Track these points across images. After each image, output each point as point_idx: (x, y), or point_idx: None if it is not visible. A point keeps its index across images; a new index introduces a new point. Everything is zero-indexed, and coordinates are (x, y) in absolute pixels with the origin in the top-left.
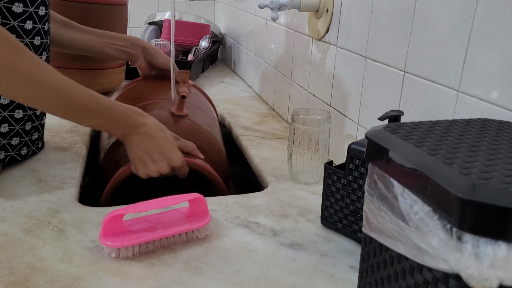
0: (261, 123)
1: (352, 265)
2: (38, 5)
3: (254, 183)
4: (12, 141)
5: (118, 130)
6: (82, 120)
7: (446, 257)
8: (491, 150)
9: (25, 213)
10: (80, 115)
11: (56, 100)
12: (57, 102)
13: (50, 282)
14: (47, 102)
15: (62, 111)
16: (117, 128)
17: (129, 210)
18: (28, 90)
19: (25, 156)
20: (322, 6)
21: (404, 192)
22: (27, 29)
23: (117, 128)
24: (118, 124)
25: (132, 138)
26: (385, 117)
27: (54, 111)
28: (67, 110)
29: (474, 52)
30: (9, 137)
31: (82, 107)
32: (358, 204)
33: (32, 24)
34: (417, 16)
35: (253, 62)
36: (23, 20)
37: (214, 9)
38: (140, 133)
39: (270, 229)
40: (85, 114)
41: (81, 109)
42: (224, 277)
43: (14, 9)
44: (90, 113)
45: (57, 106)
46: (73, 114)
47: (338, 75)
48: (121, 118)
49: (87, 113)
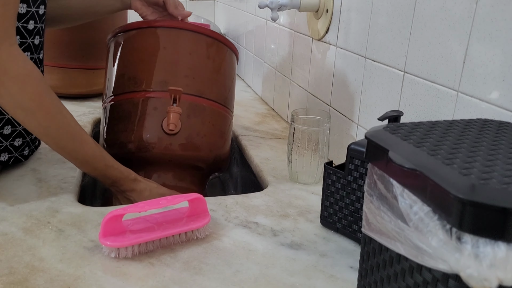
0: (261, 123)
1: (351, 265)
2: (38, 5)
3: (253, 183)
4: (15, 142)
5: (107, 185)
6: (79, 167)
7: (445, 258)
8: (491, 151)
9: (24, 212)
10: (79, 164)
11: (65, 151)
12: (66, 152)
13: (49, 281)
14: (57, 148)
15: (66, 156)
16: (107, 184)
17: (129, 210)
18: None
19: (27, 156)
20: (322, 6)
21: (404, 192)
22: (29, 29)
23: (107, 184)
24: (109, 182)
25: (118, 195)
26: (385, 117)
27: (59, 151)
28: (70, 157)
29: (474, 52)
30: (12, 138)
31: (84, 160)
32: (357, 204)
33: (34, 24)
34: (417, 16)
35: (253, 62)
36: (26, 21)
37: (214, 9)
38: (126, 196)
39: (269, 229)
40: (83, 165)
41: (83, 161)
42: (224, 277)
43: (19, 11)
44: (89, 167)
45: (65, 153)
46: (73, 160)
47: (338, 75)
48: (114, 180)
49: (86, 165)
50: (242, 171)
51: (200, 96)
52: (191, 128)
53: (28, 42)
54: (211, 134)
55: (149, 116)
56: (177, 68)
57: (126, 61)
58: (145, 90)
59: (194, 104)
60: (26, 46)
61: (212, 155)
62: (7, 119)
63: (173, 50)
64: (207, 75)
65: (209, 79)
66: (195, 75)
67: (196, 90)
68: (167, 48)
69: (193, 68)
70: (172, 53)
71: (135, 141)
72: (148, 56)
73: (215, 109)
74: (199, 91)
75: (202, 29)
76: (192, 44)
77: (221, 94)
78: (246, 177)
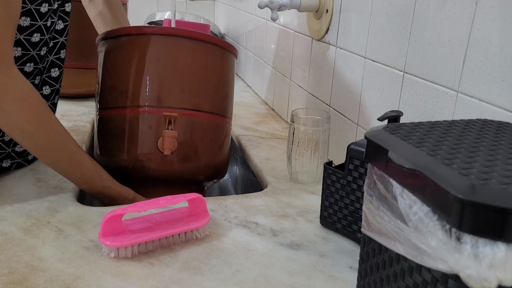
0: (260, 123)
1: (351, 265)
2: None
3: (253, 183)
4: (16, 148)
5: (105, 204)
6: (77, 185)
7: (445, 258)
8: (491, 151)
9: (24, 212)
10: (77, 184)
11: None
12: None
13: (49, 281)
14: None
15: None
16: (105, 203)
17: (129, 209)
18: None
19: (31, 161)
20: (322, 6)
21: (403, 193)
22: (23, 26)
23: (106, 203)
24: (108, 202)
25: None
26: (385, 118)
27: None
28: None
29: (474, 52)
30: (13, 144)
31: (82, 180)
32: (357, 204)
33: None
34: (416, 16)
35: (253, 62)
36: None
37: (214, 9)
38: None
39: (269, 229)
40: (81, 185)
41: (81, 181)
42: (223, 277)
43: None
44: (86, 187)
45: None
46: (70, 180)
47: (337, 76)
48: (112, 199)
49: (83, 185)
50: (242, 171)
51: (197, 110)
52: (188, 145)
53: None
54: (209, 148)
55: (143, 135)
56: (172, 83)
57: (118, 72)
58: (139, 106)
59: (190, 120)
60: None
61: (210, 168)
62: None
63: (168, 62)
64: (204, 86)
65: (207, 90)
66: (192, 89)
67: (193, 104)
68: (161, 60)
69: (189, 81)
70: (167, 66)
71: (129, 161)
72: (140, 68)
73: (212, 121)
74: (196, 105)
75: (200, 35)
76: (189, 54)
77: (219, 104)
78: (245, 177)
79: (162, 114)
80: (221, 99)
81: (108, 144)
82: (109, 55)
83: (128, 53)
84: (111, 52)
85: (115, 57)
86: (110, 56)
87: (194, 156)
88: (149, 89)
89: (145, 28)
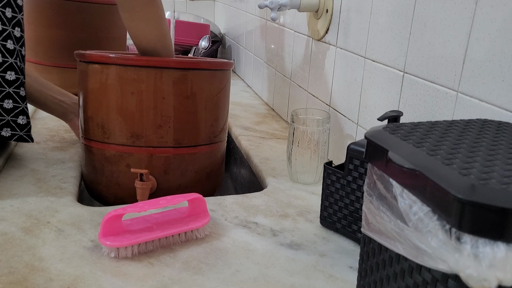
0: (260, 123)
1: (351, 265)
2: (4, 6)
3: (253, 183)
4: (19, 119)
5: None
6: (167, 54)
7: (445, 258)
8: (490, 151)
9: (24, 212)
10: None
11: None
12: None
13: (49, 281)
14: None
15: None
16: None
17: (129, 209)
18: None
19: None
20: (321, 6)
21: (403, 193)
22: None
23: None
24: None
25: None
26: (385, 118)
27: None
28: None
29: (474, 52)
30: (14, 114)
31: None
32: (357, 204)
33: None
34: (416, 16)
35: (253, 62)
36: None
37: (214, 9)
38: None
39: (269, 229)
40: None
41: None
42: (223, 277)
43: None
44: (168, 49)
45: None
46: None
47: (337, 76)
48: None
49: (166, 49)
50: (242, 171)
51: (178, 146)
52: (170, 183)
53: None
54: (198, 178)
55: (122, 174)
56: (149, 119)
57: (93, 102)
58: (116, 144)
59: (171, 157)
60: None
61: (203, 191)
62: (7, 92)
63: (142, 95)
64: (186, 118)
65: (190, 122)
66: (172, 123)
67: (174, 140)
68: (135, 94)
69: (168, 115)
70: (142, 100)
71: (111, 197)
72: (114, 102)
73: (198, 152)
74: (177, 142)
75: (184, 63)
76: (167, 85)
77: (206, 134)
78: (245, 177)
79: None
80: (211, 127)
81: (91, 175)
82: (86, 79)
83: (101, 84)
84: (87, 75)
85: (90, 84)
86: (87, 81)
87: (178, 191)
88: (125, 126)
89: (117, 60)
